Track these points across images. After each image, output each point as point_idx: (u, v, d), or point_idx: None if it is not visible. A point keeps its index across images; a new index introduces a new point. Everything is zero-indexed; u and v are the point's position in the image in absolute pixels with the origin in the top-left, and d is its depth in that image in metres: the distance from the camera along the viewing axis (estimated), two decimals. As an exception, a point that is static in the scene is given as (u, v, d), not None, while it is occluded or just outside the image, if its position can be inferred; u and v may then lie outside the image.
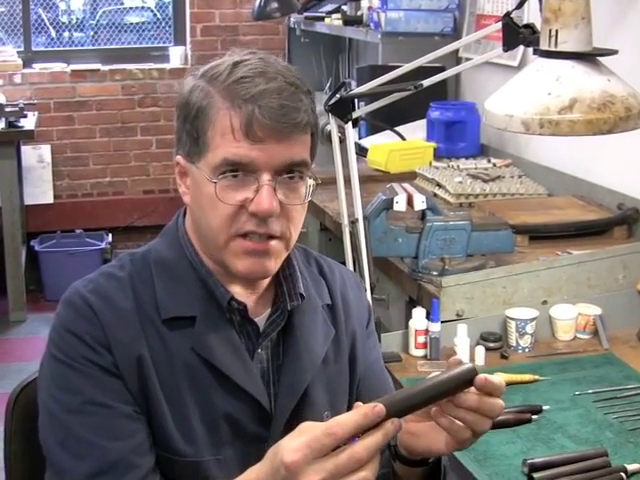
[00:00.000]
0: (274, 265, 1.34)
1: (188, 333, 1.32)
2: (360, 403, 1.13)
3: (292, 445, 1.09)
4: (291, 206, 1.31)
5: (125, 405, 1.28)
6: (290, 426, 1.34)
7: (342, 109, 2.25)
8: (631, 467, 1.70)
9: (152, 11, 6.06)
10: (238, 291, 1.37)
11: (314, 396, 1.40)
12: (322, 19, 4.83)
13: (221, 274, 1.36)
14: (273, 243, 1.31)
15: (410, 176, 3.41)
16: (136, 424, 1.29)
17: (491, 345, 2.25)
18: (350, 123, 2.26)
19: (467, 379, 1.19)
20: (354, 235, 2.30)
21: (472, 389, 1.19)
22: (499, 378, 1.21)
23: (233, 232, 1.30)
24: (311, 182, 1.33)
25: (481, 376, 1.19)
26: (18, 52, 5.42)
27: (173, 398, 1.30)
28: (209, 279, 1.35)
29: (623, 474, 1.67)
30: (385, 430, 1.10)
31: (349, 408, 1.45)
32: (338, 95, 2.25)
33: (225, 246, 1.31)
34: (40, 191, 5.37)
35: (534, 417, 1.91)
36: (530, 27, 1.97)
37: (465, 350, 2.20)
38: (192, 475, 1.31)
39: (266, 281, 1.40)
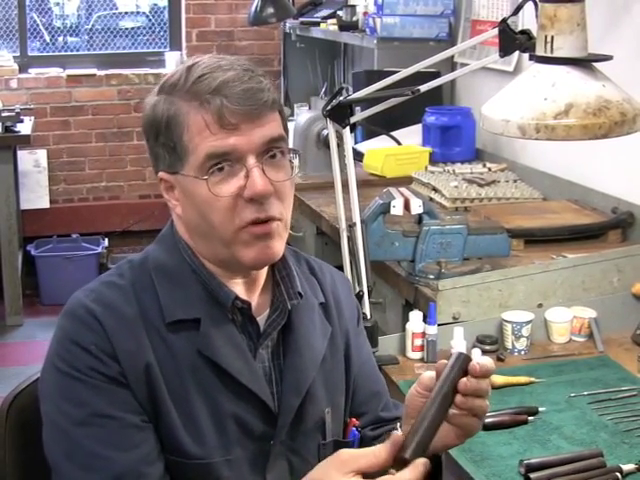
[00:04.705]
0: (280, 247, 1.36)
1: (193, 336, 1.33)
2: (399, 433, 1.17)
3: None
4: (281, 184, 1.33)
5: (132, 415, 1.28)
6: (294, 423, 1.36)
7: (340, 114, 2.27)
8: (626, 467, 1.72)
9: (147, 16, 6.07)
10: (239, 291, 1.38)
11: (315, 393, 1.41)
12: (318, 24, 4.85)
13: (223, 275, 1.37)
14: (275, 224, 1.33)
15: (406, 180, 3.43)
16: (143, 433, 1.29)
17: (487, 348, 2.26)
18: (348, 128, 2.28)
19: (464, 369, 1.24)
20: (351, 239, 2.31)
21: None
22: (488, 359, 1.26)
23: (237, 224, 1.31)
24: (295, 162, 1.36)
25: (474, 364, 1.23)
26: (14, 57, 5.42)
27: (181, 402, 1.31)
28: (212, 281, 1.36)
29: (618, 474, 1.69)
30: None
31: (346, 404, 1.47)
32: (336, 100, 2.27)
33: (233, 239, 1.32)
34: (36, 196, 5.37)
35: (530, 418, 1.93)
36: (526, 33, 1.98)
37: (462, 353, 2.21)
38: (203, 477, 1.31)
39: (263, 279, 1.42)
